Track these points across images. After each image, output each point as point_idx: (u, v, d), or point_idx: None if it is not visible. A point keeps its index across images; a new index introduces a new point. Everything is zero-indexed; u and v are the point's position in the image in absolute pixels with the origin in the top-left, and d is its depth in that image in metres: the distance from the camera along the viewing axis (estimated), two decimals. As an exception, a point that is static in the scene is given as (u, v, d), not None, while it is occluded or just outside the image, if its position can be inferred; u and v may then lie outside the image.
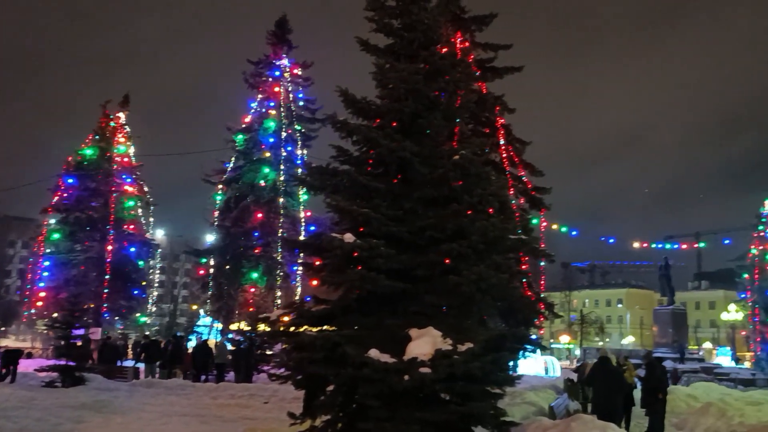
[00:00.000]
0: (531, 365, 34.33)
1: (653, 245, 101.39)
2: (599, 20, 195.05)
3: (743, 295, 49.31)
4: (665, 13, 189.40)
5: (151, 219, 40.80)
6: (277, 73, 36.09)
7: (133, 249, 37.49)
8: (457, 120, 16.66)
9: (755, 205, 48.12)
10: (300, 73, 37.23)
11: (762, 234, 46.43)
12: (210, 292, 34.71)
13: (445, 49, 21.29)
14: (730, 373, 37.16)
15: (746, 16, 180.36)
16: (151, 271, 44.08)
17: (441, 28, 14.28)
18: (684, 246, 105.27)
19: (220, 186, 35.10)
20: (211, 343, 27.31)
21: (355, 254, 9.51)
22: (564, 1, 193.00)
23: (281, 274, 33.23)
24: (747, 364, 51.04)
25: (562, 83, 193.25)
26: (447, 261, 10.02)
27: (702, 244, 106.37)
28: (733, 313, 52.61)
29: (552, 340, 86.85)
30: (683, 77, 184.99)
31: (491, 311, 14.36)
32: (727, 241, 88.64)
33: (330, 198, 10.51)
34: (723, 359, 57.15)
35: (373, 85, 11.34)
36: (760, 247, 45.86)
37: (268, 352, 24.84)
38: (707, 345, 79.49)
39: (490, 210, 14.62)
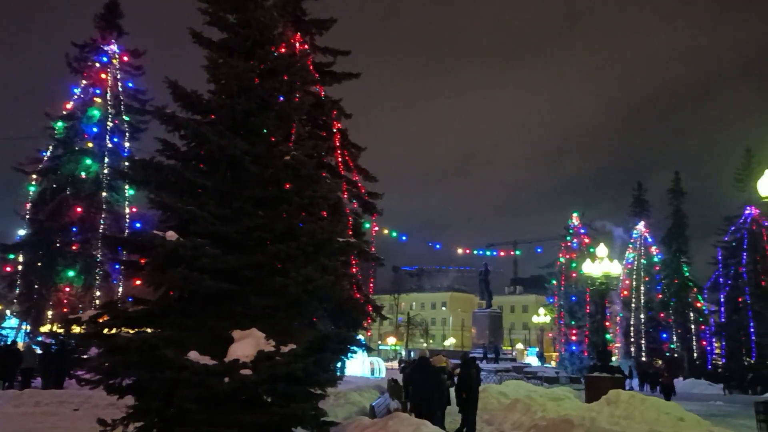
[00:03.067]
0: (358, 366, 35.07)
1: (475, 252, 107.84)
2: (461, 47, 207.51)
3: (551, 300, 53.88)
4: (518, 47, 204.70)
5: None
6: (105, 59, 33.83)
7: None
8: (294, 121, 16.69)
9: (566, 219, 52.93)
10: (130, 61, 35.21)
11: (569, 244, 51.08)
12: (18, 291, 31.73)
13: (283, 50, 21.34)
14: (538, 372, 40.41)
15: (582, 55, 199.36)
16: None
17: (278, 27, 14.18)
18: (502, 253, 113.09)
19: (35, 176, 32.24)
20: (21, 346, 25.05)
21: (179, 253, 9.17)
22: (429, 29, 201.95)
23: (101, 272, 31.17)
24: (553, 363, 55.75)
25: (424, 103, 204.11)
26: (275, 262, 9.98)
27: (518, 252, 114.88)
28: (542, 317, 57.18)
29: (380, 342, 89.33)
30: (527, 106, 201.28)
31: (320, 313, 14.50)
32: (539, 250, 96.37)
33: (154, 194, 10.04)
34: (532, 359, 61.87)
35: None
36: (567, 256, 50.41)
37: (84, 356, 23.21)
38: (519, 346, 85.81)
39: (324, 213, 14.79)
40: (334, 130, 27.44)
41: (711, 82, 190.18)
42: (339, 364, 24.43)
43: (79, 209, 31.23)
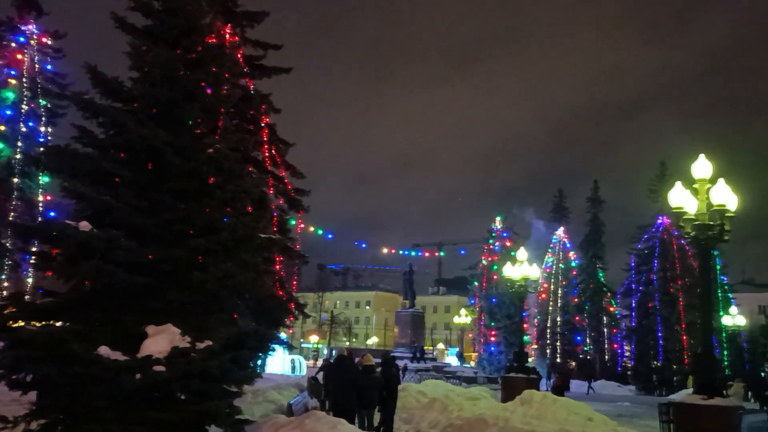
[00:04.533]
0: (279, 364, 34.76)
1: (401, 252, 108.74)
2: (404, 54, 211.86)
3: (473, 301, 54.98)
4: (458, 57, 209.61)
5: None
6: (22, 40, 32.27)
7: None
8: (220, 114, 16.37)
9: (490, 222, 54.16)
10: (50, 42, 33.69)
11: (491, 247, 52.27)
12: None
13: (212, 40, 20.92)
14: (457, 372, 41.10)
15: (519, 68, 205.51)
16: None
17: (207, 17, 13.90)
18: (427, 254, 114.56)
19: (-62, 159, 30.41)
20: None
21: (92, 245, 8.84)
22: (375, 35, 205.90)
23: (10, 263, 29.71)
24: (472, 364, 56.83)
25: (365, 105, 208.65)
26: (194, 257, 9.77)
27: (442, 253, 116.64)
28: (463, 317, 58.17)
29: (302, 340, 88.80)
30: (464, 114, 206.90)
31: (241, 309, 14.29)
32: (463, 252, 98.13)
33: (68, 182, 9.64)
34: (452, 359, 62.87)
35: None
36: (489, 259, 51.57)
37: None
38: (441, 346, 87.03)
39: (249, 208, 14.58)
40: (263, 125, 27.09)
41: (637, 101, 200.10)
42: (259, 362, 24.20)
43: (-13, 195, 29.69)
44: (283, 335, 30.60)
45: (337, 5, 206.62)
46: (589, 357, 51.44)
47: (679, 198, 12.70)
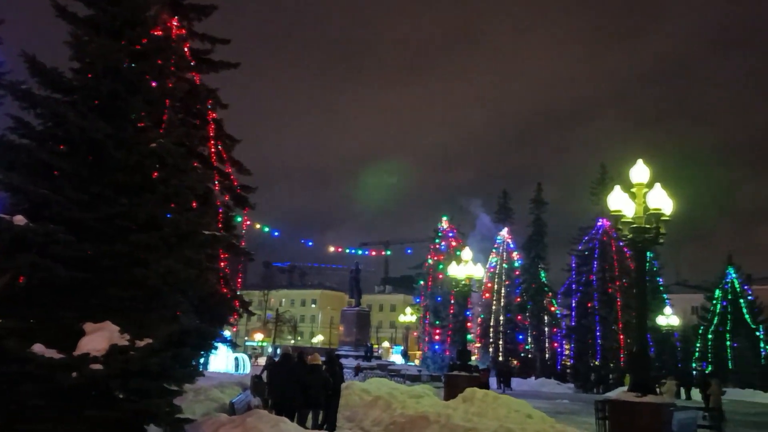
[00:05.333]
0: (222, 362, 34.35)
1: (347, 250, 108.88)
2: (365, 56, 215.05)
3: (418, 300, 55.42)
4: (418, 60, 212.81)
5: None
6: (-44, 24, 31.02)
7: None
8: (165, 107, 16.05)
9: (437, 222, 54.71)
10: (-14, 28, 32.43)
11: (437, 246, 52.80)
12: None
13: (159, 33, 20.50)
14: (401, 370, 41.37)
15: (477, 73, 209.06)
16: None
17: (152, 8, 13.62)
18: (374, 253, 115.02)
19: None
20: None
21: (28, 239, 8.58)
22: (336, 37, 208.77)
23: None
24: (416, 362, 57.31)
25: (323, 106, 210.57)
26: (136, 252, 9.59)
27: (388, 252, 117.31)
28: (408, 316, 58.55)
29: (247, 338, 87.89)
30: (421, 116, 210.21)
31: (184, 307, 14.07)
32: (409, 251, 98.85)
33: (3, 175, 9.32)
34: (397, 357, 63.26)
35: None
36: (435, 258, 52.08)
37: None
38: (386, 344, 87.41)
39: (194, 203, 14.37)
40: (209, 120, 26.69)
41: (586, 107, 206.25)
42: (201, 360, 23.84)
43: None
44: (227, 333, 30.34)
45: (299, 4, 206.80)
46: (530, 355, 52.51)
47: (618, 201, 13.09)
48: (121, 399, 8.80)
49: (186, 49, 25.41)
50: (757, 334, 50.38)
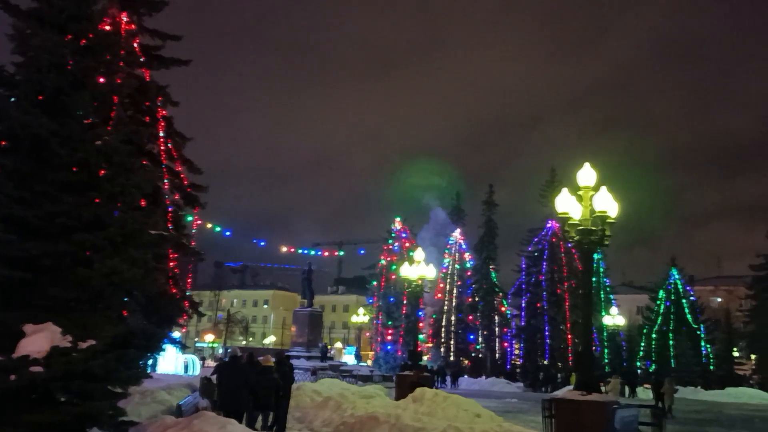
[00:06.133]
0: (171, 363, 33.79)
1: (300, 251, 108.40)
2: (327, 58, 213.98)
3: (371, 301, 55.53)
4: (379, 64, 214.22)
5: None
6: None
7: None
8: (113, 104, 15.71)
9: (390, 222, 54.88)
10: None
11: (390, 247, 52.99)
12: None
13: (107, 27, 20.06)
14: (353, 370, 41.34)
15: (436, 77, 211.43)
16: None
17: (99, 2, 13.33)
18: (327, 253, 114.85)
19: None
20: None
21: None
22: (299, 37, 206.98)
23: None
24: (368, 362, 57.37)
25: (283, 106, 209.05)
26: (80, 252, 9.37)
27: (341, 253, 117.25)
28: (361, 316, 58.62)
29: (197, 339, 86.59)
30: (379, 118, 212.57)
31: (131, 307, 13.81)
32: (362, 252, 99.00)
33: (-61, 170, 9.01)
34: (349, 358, 63.22)
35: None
36: (388, 259, 52.24)
37: None
38: (338, 345, 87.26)
39: (143, 202, 14.09)
40: (159, 117, 26.21)
41: (539, 113, 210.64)
42: (149, 361, 23.40)
43: None
44: (175, 334, 29.84)
45: (261, 4, 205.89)
46: (480, 355, 53.17)
47: (565, 204, 13.35)
48: (63, 402, 8.58)
49: (135, 45, 24.92)
50: (699, 333, 52.09)
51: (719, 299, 64.57)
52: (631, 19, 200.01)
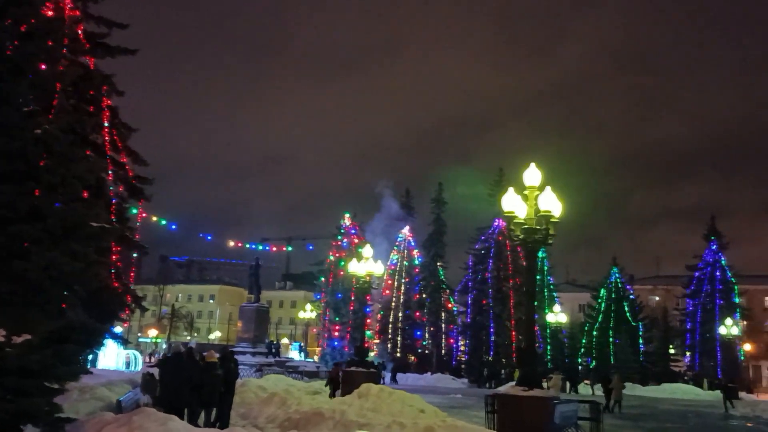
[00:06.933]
0: (112, 359, 33.06)
1: (248, 245, 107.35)
2: (286, 55, 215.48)
3: (318, 296, 55.38)
4: (338, 63, 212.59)
5: None
6: None
7: None
8: (55, 92, 15.26)
9: (339, 219, 54.82)
10: None
11: (339, 243, 52.95)
12: None
13: (50, 13, 19.43)
14: (299, 366, 41.13)
15: (394, 78, 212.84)
16: None
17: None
18: (275, 249, 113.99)
19: None
20: None
21: None
22: (259, 35, 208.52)
23: None
24: (315, 358, 57.23)
25: (240, 103, 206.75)
26: (17, 244, 9.08)
27: (289, 248, 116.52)
28: (308, 312, 58.34)
29: (140, 334, 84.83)
30: (336, 117, 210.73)
31: (71, 301, 13.43)
32: (310, 247, 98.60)
33: None
34: (296, 354, 62.95)
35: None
36: (337, 255, 52.19)
37: None
38: (285, 341, 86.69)
39: (85, 193, 13.72)
40: (104, 107, 25.56)
41: (493, 116, 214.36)
42: (89, 357, 22.84)
43: None
44: (117, 329, 29.17)
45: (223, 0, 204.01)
46: (427, 351, 53.61)
47: (511, 203, 13.61)
48: (-4, 398, 8.32)
49: (80, 32, 24.24)
50: (637, 331, 53.77)
51: (657, 298, 66.66)
52: (583, 28, 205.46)
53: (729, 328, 45.40)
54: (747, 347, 58.28)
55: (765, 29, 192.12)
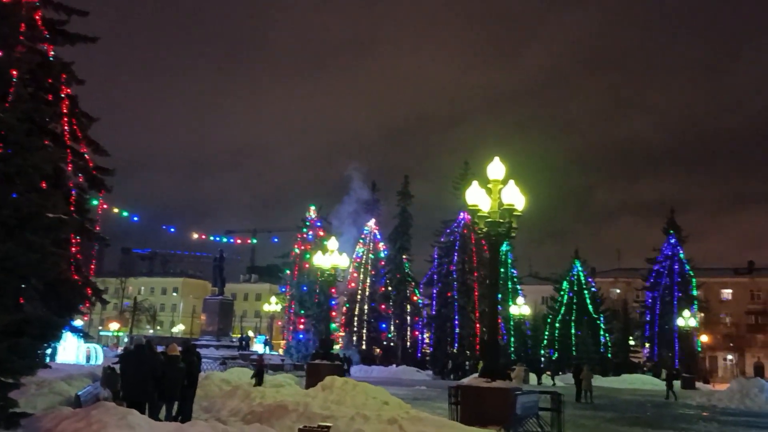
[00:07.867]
0: (72, 353, 32.53)
1: (212, 238, 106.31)
2: (260, 51, 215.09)
3: (283, 289, 55.15)
4: (313, 60, 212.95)
5: None
6: None
7: None
8: (11, 79, 14.88)
9: (305, 211, 54.56)
10: None
11: (304, 236, 52.76)
12: None
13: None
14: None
15: (367, 75, 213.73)
16: None
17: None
18: (239, 241, 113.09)
19: None
20: None
21: None
22: (234, 30, 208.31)
23: None
24: (280, 351, 57.01)
25: (212, 97, 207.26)
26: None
27: (254, 241, 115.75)
28: (273, 305, 58.08)
29: (101, 327, 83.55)
30: (309, 113, 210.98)
31: (29, 294, 13.16)
32: (275, 240, 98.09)
33: None
34: (260, 347, 62.60)
35: None
36: (302, 248, 52.00)
37: None
38: (250, 333, 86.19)
39: (43, 183, 13.40)
40: (63, 96, 24.95)
41: (462, 113, 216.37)
42: (48, 351, 22.37)
43: None
44: (77, 322, 28.62)
45: None
46: (392, 344, 53.81)
47: (475, 196, 13.73)
48: (-51, 393, 8.11)
49: (38, 18, 23.61)
50: (598, 322, 54.74)
51: (618, 290, 67.96)
52: (554, 28, 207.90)
53: (687, 319, 46.47)
54: (704, 338, 59.83)
55: (727, 35, 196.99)
